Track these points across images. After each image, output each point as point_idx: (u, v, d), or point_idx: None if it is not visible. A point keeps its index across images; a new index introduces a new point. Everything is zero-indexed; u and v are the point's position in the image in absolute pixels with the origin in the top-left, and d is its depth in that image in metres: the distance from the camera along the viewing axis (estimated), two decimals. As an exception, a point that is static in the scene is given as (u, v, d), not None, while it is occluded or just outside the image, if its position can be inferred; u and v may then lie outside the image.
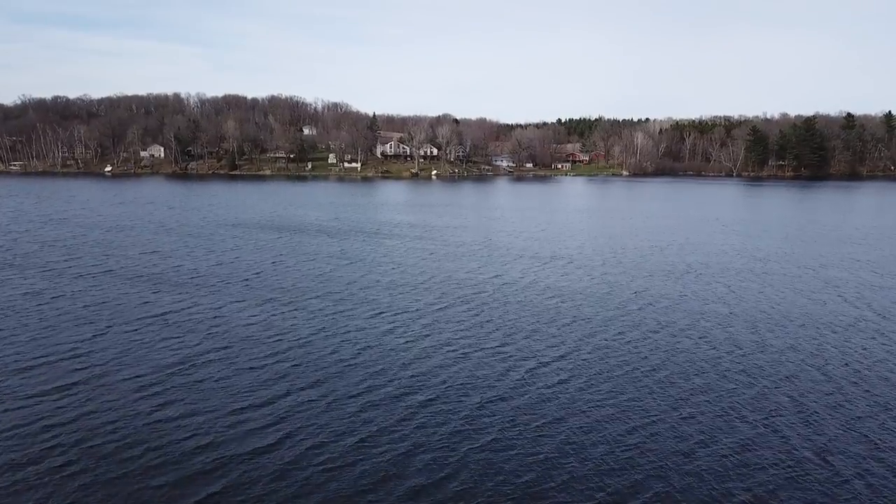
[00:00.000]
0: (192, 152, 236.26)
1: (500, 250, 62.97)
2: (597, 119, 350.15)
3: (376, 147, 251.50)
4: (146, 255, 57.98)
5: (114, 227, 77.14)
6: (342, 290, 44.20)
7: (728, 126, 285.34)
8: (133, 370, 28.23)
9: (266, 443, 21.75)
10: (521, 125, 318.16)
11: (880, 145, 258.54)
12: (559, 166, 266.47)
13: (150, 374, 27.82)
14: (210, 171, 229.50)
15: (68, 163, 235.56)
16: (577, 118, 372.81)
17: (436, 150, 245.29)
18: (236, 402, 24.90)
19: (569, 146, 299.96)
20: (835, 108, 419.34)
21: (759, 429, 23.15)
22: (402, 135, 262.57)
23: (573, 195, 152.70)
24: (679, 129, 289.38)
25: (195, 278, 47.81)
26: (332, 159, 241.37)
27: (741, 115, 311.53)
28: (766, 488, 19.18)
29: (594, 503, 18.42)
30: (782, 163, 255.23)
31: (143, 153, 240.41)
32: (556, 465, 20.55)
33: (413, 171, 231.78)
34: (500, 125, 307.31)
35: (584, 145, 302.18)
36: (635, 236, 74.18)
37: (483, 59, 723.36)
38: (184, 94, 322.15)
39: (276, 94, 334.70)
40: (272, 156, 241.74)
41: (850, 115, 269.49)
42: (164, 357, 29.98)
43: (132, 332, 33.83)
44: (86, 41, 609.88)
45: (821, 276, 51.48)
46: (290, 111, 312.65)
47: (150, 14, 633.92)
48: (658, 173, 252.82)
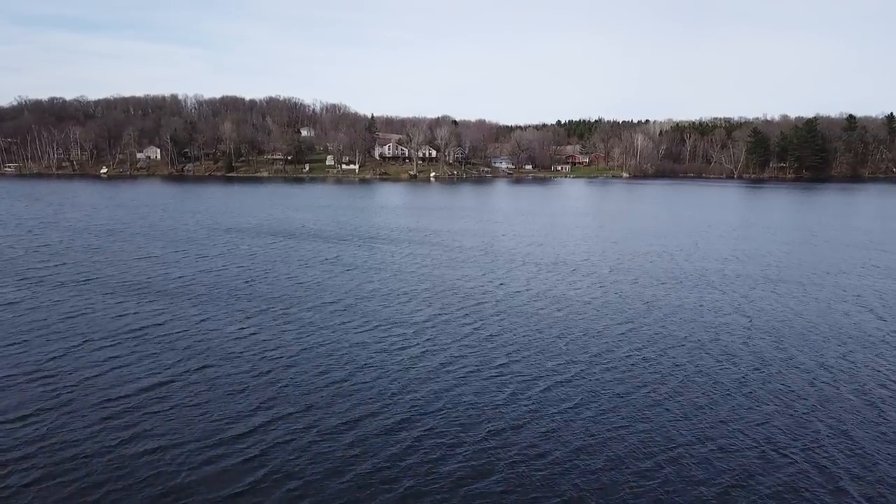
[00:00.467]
0: (189, 154, 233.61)
1: (502, 256, 60.45)
2: (596, 120, 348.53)
3: (374, 149, 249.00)
4: (132, 261, 55.38)
5: (102, 232, 74.52)
6: (335, 301, 41.63)
7: (728, 128, 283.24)
8: (102, 394, 25.64)
9: (243, 484, 19.18)
10: (520, 127, 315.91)
11: (882, 147, 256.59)
12: (559, 168, 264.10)
13: (120, 398, 25.23)
14: (206, 173, 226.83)
15: (64, 164, 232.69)
16: (577, 120, 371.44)
17: (434, 152, 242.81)
18: (212, 435, 22.31)
19: (568, 148, 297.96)
20: (835, 110, 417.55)
21: (802, 465, 20.61)
22: (400, 136, 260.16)
23: (574, 197, 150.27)
24: (679, 131, 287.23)
25: (181, 287, 45.22)
26: (329, 161, 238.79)
27: (741, 117, 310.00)
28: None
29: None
30: (783, 164, 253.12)
31: (139, 155, 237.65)
32: (573, 510, 18.03)
33: (411, 172, 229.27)
34: (500, 127, 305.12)
35: (583, 147, 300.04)
36: (641, 241, 71.68)
37: (482, 61, 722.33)
38: (181, 96, 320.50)
39: (274, 95, 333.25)
40: (269, 157, 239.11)
41: (851, 116, 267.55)
42: (137, 378, 27.39)
43: (106, 348, 31.23)
44: (85, 43, 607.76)
45: (838, 283, 49.00)
46: (289, 112, 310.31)
47: (150, 16, 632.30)
48: (658, 175, 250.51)
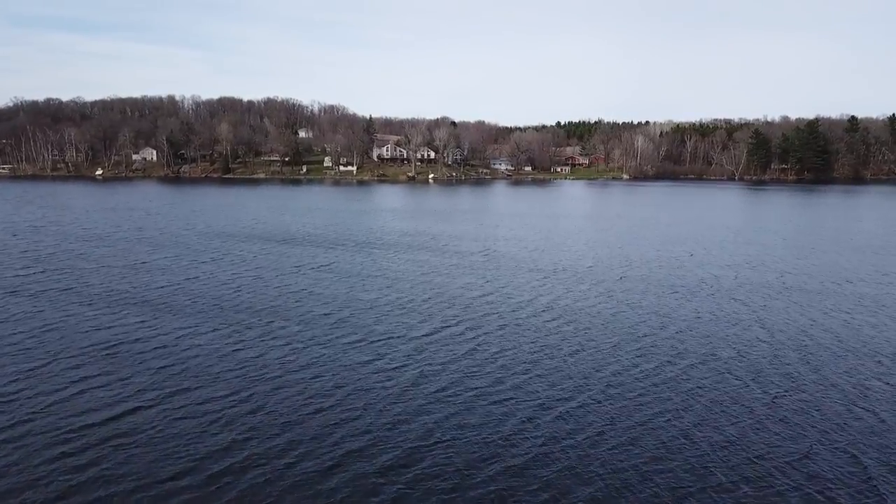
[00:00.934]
0: (185, 155, 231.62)
1: (500, 262, 58.47)
2: (596, 122, 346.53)
3: (373, 150, 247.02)
4: (116, 269, 53.37)
5: (89, 236, 72.51)
6: (326, 314, 39.63)
7: (729, 129, 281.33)
8: (62, 421, 23.64)
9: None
10: (519, 128, 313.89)
11: (884, 148, 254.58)
12: (558, 170, 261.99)
13: (81, 430, 23.17)
14: (203, 175, 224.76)
15: (58, 166, 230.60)
16: (577, 121, 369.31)
17: (433, 154, 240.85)
18: (177, 466, 20.31)
19: (568, 149, 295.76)
20: (836, 111, 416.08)
21: (826, 507, 18.66)
22: (399, 138, 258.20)
23: (574, 200, 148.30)
24: (680, 132, 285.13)
25: (163, 297, 43.21)
26: (327, 162, 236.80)
27: (741, 118, 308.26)
28: None
29: None
30: (785, 166, 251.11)
31: (134, 156, 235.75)
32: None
33: (410, 174, 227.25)
34: (499, 128, 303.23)
35: (583, 148, 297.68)
36: (646, 246, 69.71)
37: (482, 62, 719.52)
38: (178, 97, 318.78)
39: (272, 96, 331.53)
40: (267, 159, 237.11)
41: (853, 117, 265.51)
42: (102, 401, 25.40)
43: (74, 369, 29.21)
44: (85, 44, 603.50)
45: (857, 292, 47.00)
46: (287, 114, 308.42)
47: (149, 17, 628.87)
48: (659, 177, 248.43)
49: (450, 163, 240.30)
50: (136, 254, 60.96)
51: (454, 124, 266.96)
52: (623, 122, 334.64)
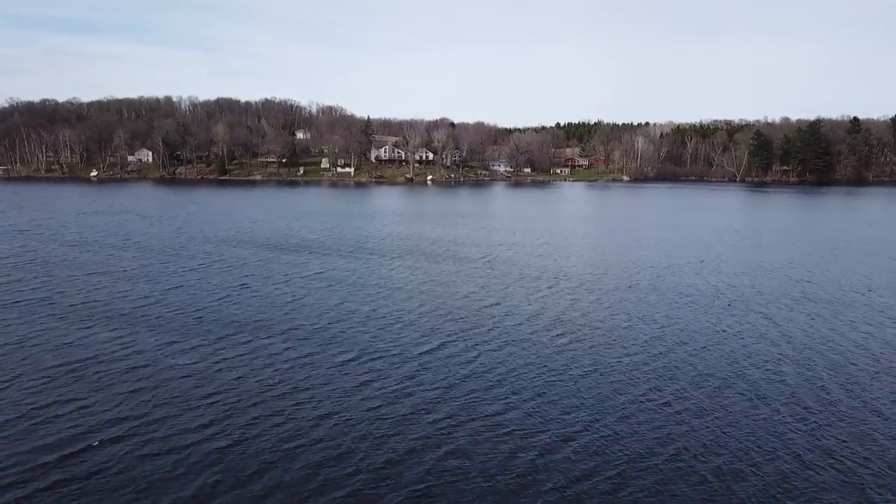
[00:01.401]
0: (181, 156, 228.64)
1: (500, 269, 55.64)
2: (596, 123, 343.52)
3: (371, 151, 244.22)
4: (96, 277, 50.47)
5: (74, 241, 69.57)
6: (312, 327, 36.79)
7: (730, 130, 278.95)
8: (10, 462, 20.76)
9: None
10: (519, 129, 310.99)
11: (886, 150, 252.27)
12: (558, 171, 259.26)
13: (32, 461, 20.36)
14: (199, 176, 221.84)
15: (53, 167, 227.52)
16: (577, 122, 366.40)
17: (431, 155, 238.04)
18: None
19: (568, 150, 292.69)
20: (836, 112, 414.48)
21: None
22: (397, 139, 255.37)
23: (575, 202, 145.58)
24: (680, 133, 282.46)
25: (142, 309, 40.34)
26: (325, 164, 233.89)
27: (741, 119, 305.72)
28: None
29: None
30: (787, 167, 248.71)
31: (130, 158, 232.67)
32: None
33: (408, 176, 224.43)
34: (498, 129, 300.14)
35: (583, 150, 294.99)
36: (649, 251, 66.93)
37: (481, 63, 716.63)
38: (175, 98, 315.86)
39: (269, 97, 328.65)
40: (263, 160, 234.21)
41: (855, 118, 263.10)
42: (58, 436, 22.53)
43: (33, 393, 26.33)
44: (85, 46, 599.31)
45: (875, 302, 44.28)
46: (284, 115, 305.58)
47: (149, 19, 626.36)
48: (659, 178, 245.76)
49: (448, 164, 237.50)
50: (120, 260, 58.08)
51: (453, 125, 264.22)
52: (623, 123, 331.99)
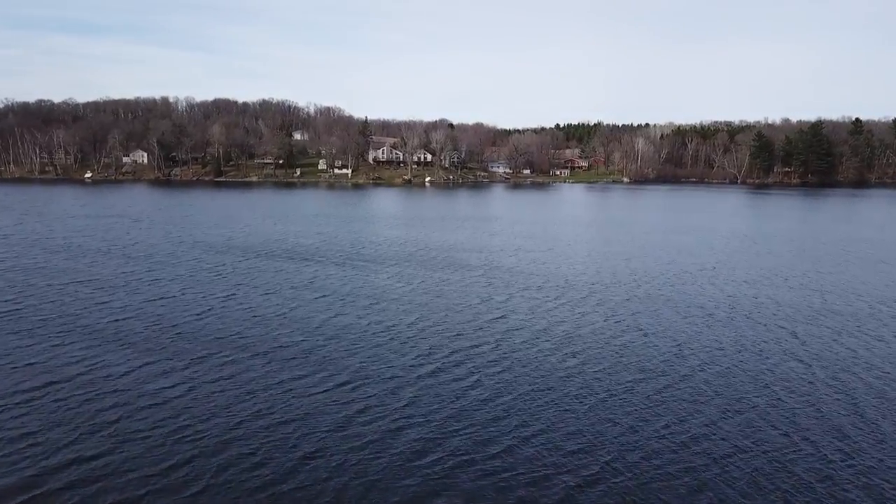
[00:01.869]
0: (177, 158, 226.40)
1: (502, 278, 53.47)
2: (596, 124, 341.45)
3: (368, 152, 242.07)
4: (72, 286, 48.28)
5: (57, 247, 67.41)
6: (296, 343, 34.65)
7: (730, 131, 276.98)
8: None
9: None
10: (518, 130, 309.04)
11: (889, 151, 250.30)
12: (557, 173, 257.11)
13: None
14: (194, 178, 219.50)
15: (46, 169, 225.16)
16: (576, 123, 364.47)
17: (430, 156, 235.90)
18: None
19: (567, 152, 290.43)
20: (837, 113, 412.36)
21: None
22: (395, 140, 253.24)
23: (576, 205, 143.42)
24: (681, 135, 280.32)
25: (116, 323, 38.18)
26: (322, 165, 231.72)
27: (742, 121, 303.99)
28: None
29: None
30: (788, 169, 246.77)
31: (125, 159, 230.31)
32: None
33: (406, 177, 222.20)
34: (497, 130, 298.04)
35: (583, 151, 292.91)
36: (655, 258, 64.78)
37: (481, 64, 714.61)
38: (172, 98, 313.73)
39: (267, 98, 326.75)
40: (260, 162, 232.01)
41: (857, 119, 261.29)
42: (7, 473, 20.39)
43: (-17, 422, 24.23)
44: (85, 47, 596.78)
45: (894, 315, 42.15)
46: (282, 115, 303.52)
47: (149, 20, 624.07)
48: (660, 180, 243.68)
49: (447, 166, 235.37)
50: (101, 268, 55.90)
51: (452, 126, 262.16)
52: (623, 124, 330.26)
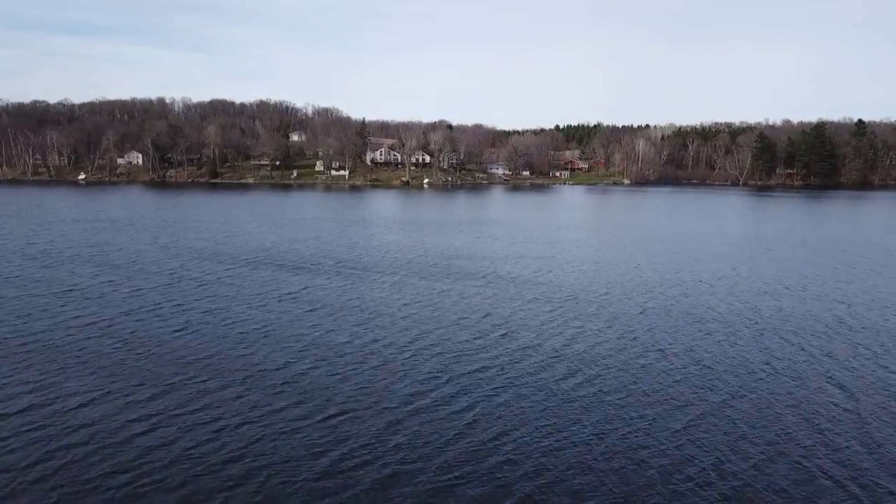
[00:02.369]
0: (172, 159, 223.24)
1: (505, 289, 50.36)
2: (596, 125, 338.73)
3: (366, 154, 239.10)
4: (43, 298, 45.13)
5: (35, 253, 64.26)
6: (280, 367, 31.53)
7: (732, 132, 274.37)
8: None
9: None
10: (517, 131, 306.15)
11: (892, 153, 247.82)
12: (557, 174, 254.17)
13: None
14: (189, 180, 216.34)
15: (40, 170, 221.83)
16: (576, 124, 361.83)
17: (428, 158, 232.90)
18: None
19: (567, 153, 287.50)
20: (838, 114, 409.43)
21: None
22: (393, 141, 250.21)
23: (576, 207, 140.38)
24: (682, 136, 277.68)
25: (86, 340, 35.07)
26: (319, 167, 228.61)
27: (742, 122, 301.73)
28: None
29: None
30: (790, 171, 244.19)
31: (119, 160, 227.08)
32: None
33: (404, 179, 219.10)
34: (496, 131, 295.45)
35: (583, 152, 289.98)
36: (665, 265, 61.72)
37: (480, 64, 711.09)
38: (168, 99, 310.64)
39: (264, 98, 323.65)
40: (256, 163, 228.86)
41: (860, 121, 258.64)
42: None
43: (-89, 465, 21.15)
44: (85, 47, 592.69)
45: (921, 331, 39.19)
46: (280, 116, 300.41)
47: (149, 20, 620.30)
48: (661, 181, 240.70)
49: (445, 167, 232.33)
50: (78, 277, 52.77)
51: (450, 127, 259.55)
52: (623, 126, 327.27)
